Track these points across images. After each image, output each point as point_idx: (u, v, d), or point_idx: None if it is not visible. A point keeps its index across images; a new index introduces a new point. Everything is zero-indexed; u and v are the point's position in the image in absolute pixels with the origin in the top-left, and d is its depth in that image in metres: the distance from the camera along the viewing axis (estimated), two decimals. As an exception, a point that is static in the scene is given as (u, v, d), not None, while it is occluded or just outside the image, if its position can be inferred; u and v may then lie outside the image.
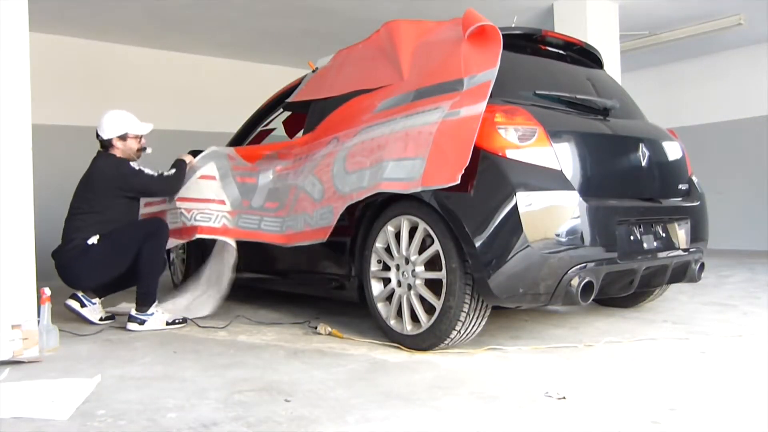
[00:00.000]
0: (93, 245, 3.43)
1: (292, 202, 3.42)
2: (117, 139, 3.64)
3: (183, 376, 2.45)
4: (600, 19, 5.69)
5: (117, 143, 3.65)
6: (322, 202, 3.16)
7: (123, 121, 3.67)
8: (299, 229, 3.33)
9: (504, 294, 2.52)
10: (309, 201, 3.26)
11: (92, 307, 3.60)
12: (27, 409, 2.02)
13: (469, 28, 2.77)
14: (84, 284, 3.57)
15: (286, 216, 3.45)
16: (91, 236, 3.44)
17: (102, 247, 3.44)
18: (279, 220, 3.50)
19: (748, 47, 7.45)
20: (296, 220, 3.36)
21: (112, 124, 3.65)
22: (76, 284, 3.57)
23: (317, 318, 3.62)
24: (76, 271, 3.49)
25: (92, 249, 3.43)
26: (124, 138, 3.65)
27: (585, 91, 3.11)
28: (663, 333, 3.06)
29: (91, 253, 3.44)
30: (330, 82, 3.61)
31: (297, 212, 3.35)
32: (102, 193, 3.52)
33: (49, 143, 5.57)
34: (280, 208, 3.52)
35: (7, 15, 2.78)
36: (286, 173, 3.58)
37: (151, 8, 5.56)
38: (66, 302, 3.57)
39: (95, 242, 3.44)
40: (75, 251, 3.45)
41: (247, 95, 6.20)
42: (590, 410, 1.97)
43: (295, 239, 3.37)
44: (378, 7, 5.52)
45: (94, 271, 3.48)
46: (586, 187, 2.67)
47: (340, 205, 3.03)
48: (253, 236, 3.65)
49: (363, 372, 2.45)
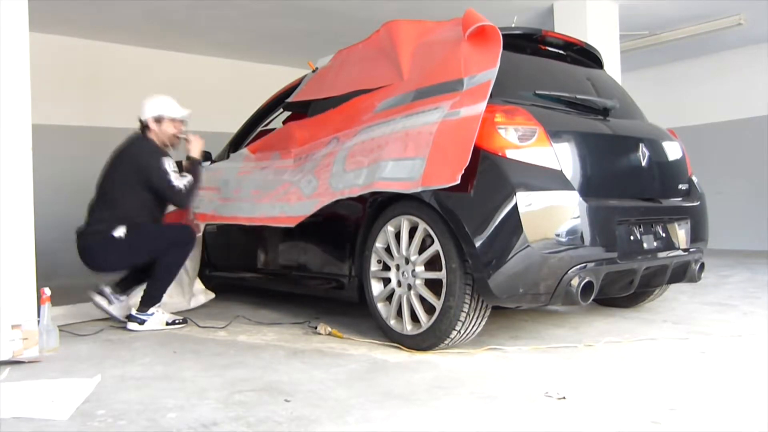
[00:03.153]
0: (119, 239, 3.40)
1: (279, 193, 3.44)
2: (152, 120, 3.63)
3: (183, 376, 2.45)
4: (600, 19, 5.69)
5: (152, 125, 3.63)
6: (311, 196, 3.17)
7: (160, 104, 3.66)
8: (273, 214, 3.36)
9: (504, 294, 2.52)
10: (297, 195, 3.28)
11: (119, 304, 3.60)
12: (27, 409, 2.02)
13: (469, 28, 2.77)
14: (104, 269, 3.58)
15: (266, 203, 3.48)
16: (116, 227, 3.41)
17: (127, 241, 3.41)
18: (255, 205, 3.56)
19: (748, 47, 7.45)
20: (273, 208, 3.39)
21: (150, 106, 3.65)
22: (95, 268, 3.57)
23: (317, 318, 3.62)
24: (98, 256, 3.47)
25: (117, 242, 3.40)
26: (159, 120, 3.63)
27: (585, 91, 3.11)
28: (663, 333, 3.06)
29: (115, 245, 3.41)
30: (330, 82, 3.61)
31: (280, 201, 3.37)
32: (128, 176, 3.48)
33: (49, 143, 5.57)
34: (263, 196, 3.55)
35: (7, 15, 2.78)
36: (283, 170, 3.59)
37: (151, 8, 5.56)
38: (94, 299, 3.58)
39: (121, 235, 3.40)
40: (98, 237, 3.43)
41: (247, 95, 6.19)
42: (590, 410, 1.97)
43: (261, 221, 3.44)
44: (378, 7, 5.53)
45: (115, 260, 3.48)
46: (586, 187, 2.67)
47: (327, 199, 3.04)
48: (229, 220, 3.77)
49: (363, 372, 2.45)
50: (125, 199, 3.48)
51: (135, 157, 3.52)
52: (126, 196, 3.48)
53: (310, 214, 3.13)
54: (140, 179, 3.48)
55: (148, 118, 3.63)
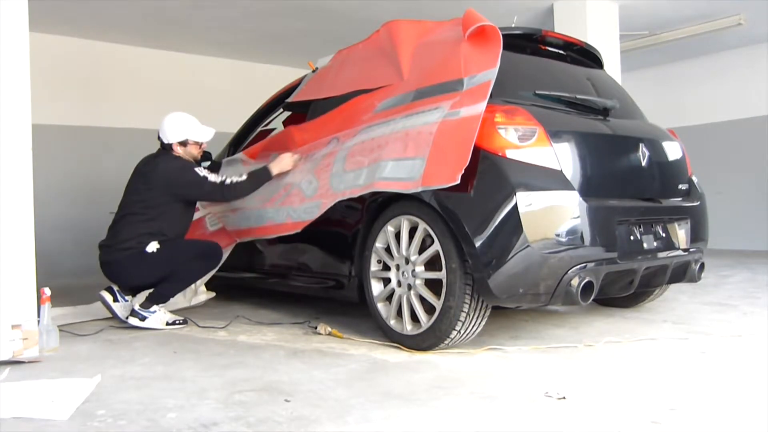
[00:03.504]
0: (152, 253, 3.42)
1: (282, 196, 3.44)
2: (177, 144, 3.61)
3: (183, 376, 2.45)
4: (600, 19, 5.69)
5: (177, 148, 3.62)
6: (313, 197, 3.17)
7: (185, 127, 3.62)
8: (280, 221, 3.35)
9: (504, 294, 2.52)
10: (299, 197, 3.28)
11: (124, 303, 3.60)
12: (27, 409, 2.02)
13: (469, 29, 2.77)
14: (129, 283, 3.58)
15: (270, 208, 3.47)
16: (148, 243, 3.43)
17: (159, 256, 3.44)
18: (261, 212, 3.54)
19: (748, 47, 7.45)
20: (279, 213, 3.38)
21: (174, 129, 3.60)
22: (120, 281, 3.59)
23: (317, 318, 3.62)
24: (126, 271, 3.49)
25: (150, 257, 3.43)
26: (184, 144, 3.63)
27: (585, 91, 3.11)
28: (663, 333, 3.06)
29: (148, 260, 3.43)
30: (330, 83, 3.61)
31: (283, 205, 3.37)
32: (160, 195, 3.48)
33: (49, 143, 5.59)
34: (266, 201, 3.54)
35: (7, 15, 2.78)
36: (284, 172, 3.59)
37: (151, 8, 5.56)
38: (100, 293, 3.59)
39: (154, 251, 3.43)
40: (130, 253, 3.44)
41: (247, 95, 6.21)
42: (590, 410, 1.97)
43: (271, 231, 3.41)
44: (378, 7, 5.52)
45: (144, 275, 3.50)
46: (586, 187, 2.67)
47: (329, 201, 3.04)
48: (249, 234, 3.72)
49: (363, 372, 2.45)
50: (157, 215, 3.48)
51: (166, 174, 3.49)
52: (157, 211, 3.48)
53: (315, 219, 3.12)
54: (175, 195, 3.51)
55: (173, 142, 3.61)
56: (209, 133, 3.69)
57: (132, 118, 6.55)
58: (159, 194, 3.49)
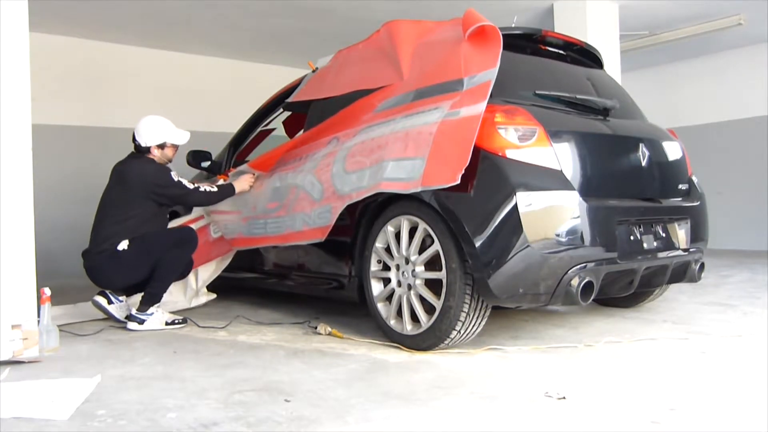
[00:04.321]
0: (123, 251, 3.46)
1: (291, 201, 3.44)
2: (155, 147, 3.65)
3: (183, 376, 2.45)
4: (600, 19, 5.69)
5: (155, 151, 3.66)
6: (321, 201, 3.17)
7: (163, 130, 3.67)
8: (298, 228, 3.34)
9: (504, 294, 2.52)
10: (308, 200, 3.28)
11: (119, 304, 3.62)
12: (27, 409, 2.02)
13: (469, 28, 2.77)
14: (113, 285, 3.61)
15: (285, 215, 3.47)
16: (120, 242, 3.47)
17: (131, 252, 3.47)
18: (279, 221, 3.53)
19: (748, 47, 7.45)
20: (294, 219, 3.38)
21: (153, 132, 3.65)
22: (104, 285, 3.62)
23: (317, 318, 3.62)
24: (106, 273, 3.54)
25: (122, 254, 3.46)
26: (162, 147, 3.67)
27: (585, 91, 3.11)
28: (663, 333, 3.06)
29: (120, 258, 3.46)
30: (330, 83, 3.61)
31: (296, 211, 3.37)
32: (136, 197, 3.53)
33: (49, 143, 5.58)
34: (280, 208, 3.54)
35: (7, 15, 2.78)
36: (286, 173, 3.59)
37: (151, 8, 5.56)
38: (93, 298, 3.61)
39: (125, 248, 3.46)
40: (105, 255, 3.48)
41: (247, 95, 6.21)
42: (590, 410, 1.97)
43: (292, 238, 3.40)
44: (378, 7, 5.53)
45: (123, 274, 3.53)
46: (586, 187, 2.67)
47: (339, 205, 3.04)
48: (262, 241, 3.71)
49: (363, 372, 2.45)
50: (130, 216, 3.52)
51: (141, 177, 3.55)
52: (130, 213, 3.52)
53: (332, 224, 3.12)
54: (149, 197, 3.55)
55: (152, 145, 3.64)
56: (185, 136, 3.76)
57: (132, 118, 6.51)
58: (133, 196, 3.53)
